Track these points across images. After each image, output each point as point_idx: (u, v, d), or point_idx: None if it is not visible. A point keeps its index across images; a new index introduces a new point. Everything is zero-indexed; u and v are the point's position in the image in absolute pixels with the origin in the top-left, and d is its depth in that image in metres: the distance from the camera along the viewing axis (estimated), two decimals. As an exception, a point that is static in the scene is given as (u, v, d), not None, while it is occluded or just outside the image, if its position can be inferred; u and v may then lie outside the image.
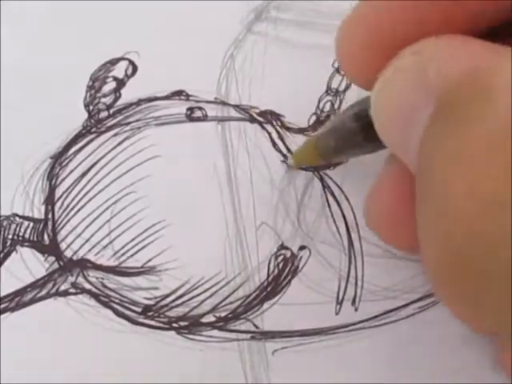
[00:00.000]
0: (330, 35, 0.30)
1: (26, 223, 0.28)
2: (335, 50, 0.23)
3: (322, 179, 0.28)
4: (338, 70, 0.30)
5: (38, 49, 0.31)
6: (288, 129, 0.29)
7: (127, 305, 0.26)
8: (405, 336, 0.25)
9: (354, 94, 0.29)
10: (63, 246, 0.27)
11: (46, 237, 0.27)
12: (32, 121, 0.29)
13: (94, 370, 0.25)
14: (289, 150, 0.29)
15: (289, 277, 0.27)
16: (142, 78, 0.30)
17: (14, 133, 0.29)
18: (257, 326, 0.26)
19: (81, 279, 0.27)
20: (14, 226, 0.27)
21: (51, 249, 0.27)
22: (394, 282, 0.26)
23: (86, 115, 0.29)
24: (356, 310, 0.26)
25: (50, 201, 0.28)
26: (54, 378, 0.25)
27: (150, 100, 0.30)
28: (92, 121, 0.29)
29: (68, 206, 0.28)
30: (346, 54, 0.23)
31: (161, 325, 0.26)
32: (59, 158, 0.29)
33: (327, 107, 0.29)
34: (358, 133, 0.23)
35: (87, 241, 0.27)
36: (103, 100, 0.30)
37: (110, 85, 0.30)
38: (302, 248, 0.27)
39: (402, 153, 0.20)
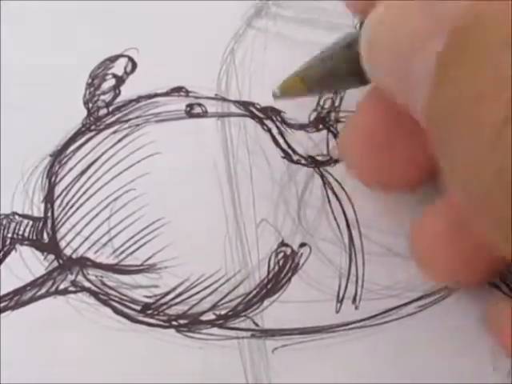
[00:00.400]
0: (331, 32, 0.30)
1: (26, 221, 0.27)
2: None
3: (322, 176, 0.28)
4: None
5: (37, 47, 0.31)
6: (288, 125, 0.29)
7: (127, 303, 0.26)
8: (405, 335, 0.25)
9: (355, 91, 0.29)
10: (63, 244, 0.27)
11: (45, 235, 0.27)
12: (31, 119, 0.29)
13: (94, 369, 0.25)
14: (289, 146, 0.28)
15: (289, 274, 0.26)
16: (141, 75, 0.30)
17: (14, 131, 0.29)
18: (257, 324, 0.26)
19: (80, 277, 0.27)
20: (13, 225, 0.27)
21: (51, 247, 0.27)
22: (394, 280, 0.26)
23: (85, 113, 0.29)
24: (356, 308, 0.26)
25: (49, 199, 0.28)
26: (54, 377, 0.25)
27: (149, 97, 0.29)
28: (91, 118, 0.29)
29: (67, 203, 0.28)
30: None
31: (160, 323, 0.26)
32: (58, 156, 0.29)
33: (328, 104, 0.29)
34: (346, 65, 0.24)
35: (87, 239, 0.27)
36: (102, 97, 0.29)
37: (110, 82, 0.30)
38: (302, 245, 0.27)
39: (396, 89, 0.20)
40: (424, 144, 0.18)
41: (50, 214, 0.28)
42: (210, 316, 0.26)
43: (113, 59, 0.30)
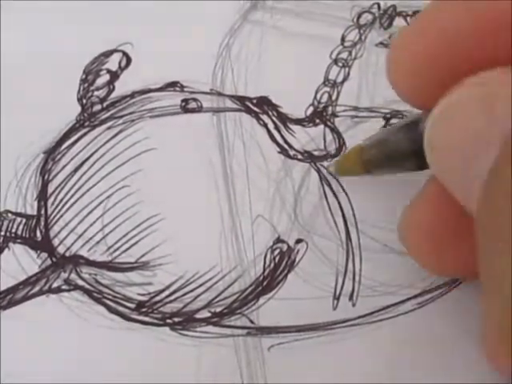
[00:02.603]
0: (328, 25, 0.30)
1: (19, 219, 0.27)
2: (386, 71, 0.22)
3: (319, 171, 0.27)
4: (335, 61, 0.29)
5: (31, 44, 0.30)
6: (285, 119, 0.28)
7: (120, 301, 0.26)
8: (403, 332, 0.25)
9: (353, 85, 0.29)
10: (56, 242, 0.27)
11: (38, 233, 0.27)
12: (24, 116, 0.29)
13: (88, 368, 0.25)
14: (285, 140, 0.28)
15: (285, 271, 0.26)
16: (135, 70, 0.30)
17: (7, 128, 0.29)
18: (252, 322, 0.26)
19: (74, 275, 0.26)
20: (6, 223, 0.27)
21: (44, 245, 0.27)
22: (392, 277, 0.26)
23: (79, 109, 0.29)
24: (353, 305, 0.25)
25: (42, 196, 0.28)
26: (48, 376, 0.25)
27: (144, 92, 0.29)
28: (85, 114, 0.29)
29: (61, 201, 0.27)
30: (397, 73, 0.22)
31: (155, 321, 0.26)
32: (52, 153, 0.28)
33: (324, 98, 0.29)
34: (409, 156, 0.22)
35: (80, 236, 0.27)
36: (97, 93, 0.29)
37: (104, 77, 0.29)
38: (298, 241, 0.27)
39: (456, 190, 0.19)
40: None
41: (43, 212, 0.27)
42: (205, 314, 0.26)
43: (107, 54, 0.30)
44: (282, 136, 0.28)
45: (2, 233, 0.27)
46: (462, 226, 0.22)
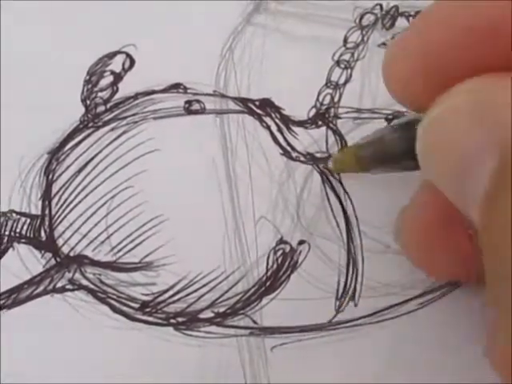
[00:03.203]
0: (330, 27, 0.30)
1: (23, 219, 0.27)
2: (382, 71, 0.22)
3: (321, 173, 0.28)
4: (337, 63, 0.29)
5: (35, 44, 0.30)
6: (287, 121, 0.29)
7: (124, 301, 0.26)
8: (405, 332, 0.25)
9: (355, 87, 0.29)
10: (60, 242, 0.27)
11: (42, 233, 0.27)
12: (29, 116, 0.29)
13: (92, 367, 0.25)
14: (288, 142, 0.28)
15: (288, 272, 0.26)
16: (139, 72, 0.30)
17: (11, 129, 0.29)
18: (255, 322, 0.26)
19: (78, 275, 0.27)
20: (10, 223, 0.27)
21: (48, 245, 0.27)
22: (394, 277, 0.26)
23: (83, 110, 0.29)
24: (356, 305, 0.26)
25: (46, 196, 0.28)
26: (52, 376, 0.25)
27: (147, 93, 0.29)
28: (89, 115, 0.29)
29: (65, 201, 0.28)
30: (392, 78, 0.22)
31: (158, 321, 0.26)
32: (56, 154, 0.28)
33: (327, 100, 0.29)
34: (404, 156, 0.22)
35: (84, 236, 0.27)
36: (100, 94, 0.29)
37: (107, 79, 0.30)
38: (301, 242, 0.27)
39: (449, 193, 0.19)
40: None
41: (47, 212, 0.28)
42: (209, 314, 0.26)
43: (110, 56, 0.30)
44: (285, 138, 0.28)
45: (7, 233, 0.27)
46: (454, 230, 0.22)
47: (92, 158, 0.28)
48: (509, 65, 0.18)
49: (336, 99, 0.29)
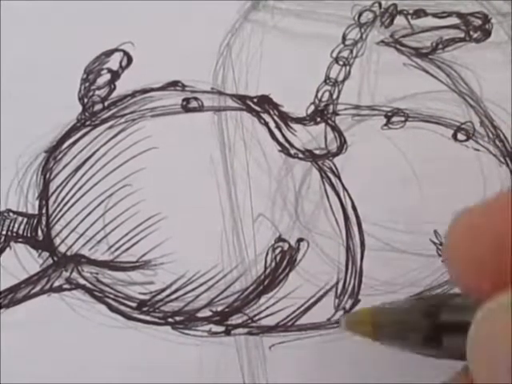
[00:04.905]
0: (329, 25, 0.30)
1: (20, 219, 0.27)
2: (446, 251, 0.20)
3: (320, 169, 0.27)
4: (336, 60, 0.29)
5: (33, 43, 0.30)
6: (286, 118, 0.28)
7: (122, 300, 0.26)
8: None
9: (354, 84, 0.29)
10: (57, 241, 0.27)
11: (39, 232, 0.27)
12: (26, 115, 0.29)
13: (89, 366, 0.25)
14: (286, 139, 0.28)
15: (286, 270, 0.26)
16: (136, 69, 0.29)
17: (8, 127, 0.29)
18: (254, 321, 0.26)
19: (75, 274, 0.27)
20: (7, 222, 0.27)
21: (45, 244, 0.27)
22: (393, 275, 0.26)
23: (80, 108, 0.29)
24: (355, 304, 0.25)
25: (44, 196, 0.28)
26: (49, 374, 0.25)
27: (145, 91, 0.29)
28: (86, 114, 0.29)
29: (62, 200, 0.28)
30: (460, 258, 0.20)
31: (156, 320, 0.26)
32: (53, 152, 0.28)
33: (325, 97, 0.29)
34: (422, 339, 0.20)
35: (81, 235, 0.27)
36: (98, 92, 0.29)
37: (105, 77, 0.29)
38: (299, 240, 0.26)
39: None
40: None
41: (44, 211, 0.27)
42: (207, 313, 0.26)
43: (108, 54, 0.30)
44: (283, 135, 0.28)
45: (4, 232, 0.27)
46: None
47: (89, 157, 0.28)
48: None
49: (335, 96, 0.29)
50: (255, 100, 0.29)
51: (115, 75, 0.29)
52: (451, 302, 0.19)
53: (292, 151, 0.28)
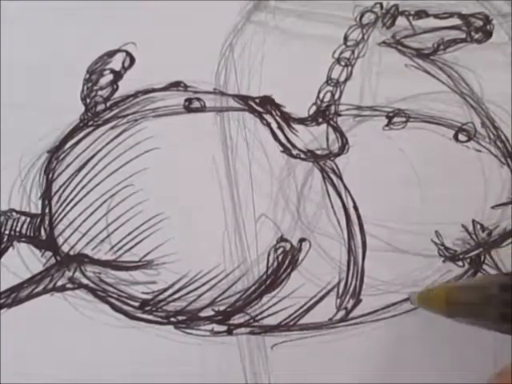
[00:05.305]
0: (331, 25, 0.30)
1: (23, 218, 0.27)
2: None
3: (322, 170, 0.28)
4: (338, 61, 0.29)
5: (35, 44, 0.30)
6: (288, 119, 0.29)
7: (125, 299, 0.26)
8: (405, 330, 0.25)
9: (355, 84, 0.29)
10: (60, 240, 0.27)
11: (42, 232, 0.27)
12: (29, 115, 0.29)
13: (91, 365, 0.25)
14: (288, 140, 0.28)
15: (288, 270, 0.26)
16: (139, 70, 0.30)
17: (11, 128, 0.29)
18: (256, 320, 0.26)
19: (78, 274, 0.27)
20: (10, 222, 0.27)
21: (48, 244, 0.27)
22: (395, 275, 0.26)
23: (82, 108, 0.29)
24: (356, 303, 0.26)
25: (46, 195, 0.28)
26: (52, 373, 0.25)
27: (147, 92, 0.29)
28: (89, 114, 0.29)
29: (65, 200, 0.28)
30: None
31: (159, 319, 0.26)
32: (56, 152, 0.28)
33: (327, 97, 0.29)
34: (499, 310, 0.20)
35: (84, 235, 0.27)
36: (100, 93, 0.29)
37: (107, 77, 0.29)
38: (301, 240, 0.27)
39: None
40: None
41: (47, 211, 0.28)
42: (209, 312, 0.26)
43: (111, 54, 0.30)
44: (285, 135, 0.28)
45: (7, 232, 0.27)
46: None
47: (92, 157, 0.28)
48: None
49: (336, 96, 0.29)
50: (257, 101, 0.29)
51: (118, 75, 0.30)
52: None
53: (294, 152, 0.28)
